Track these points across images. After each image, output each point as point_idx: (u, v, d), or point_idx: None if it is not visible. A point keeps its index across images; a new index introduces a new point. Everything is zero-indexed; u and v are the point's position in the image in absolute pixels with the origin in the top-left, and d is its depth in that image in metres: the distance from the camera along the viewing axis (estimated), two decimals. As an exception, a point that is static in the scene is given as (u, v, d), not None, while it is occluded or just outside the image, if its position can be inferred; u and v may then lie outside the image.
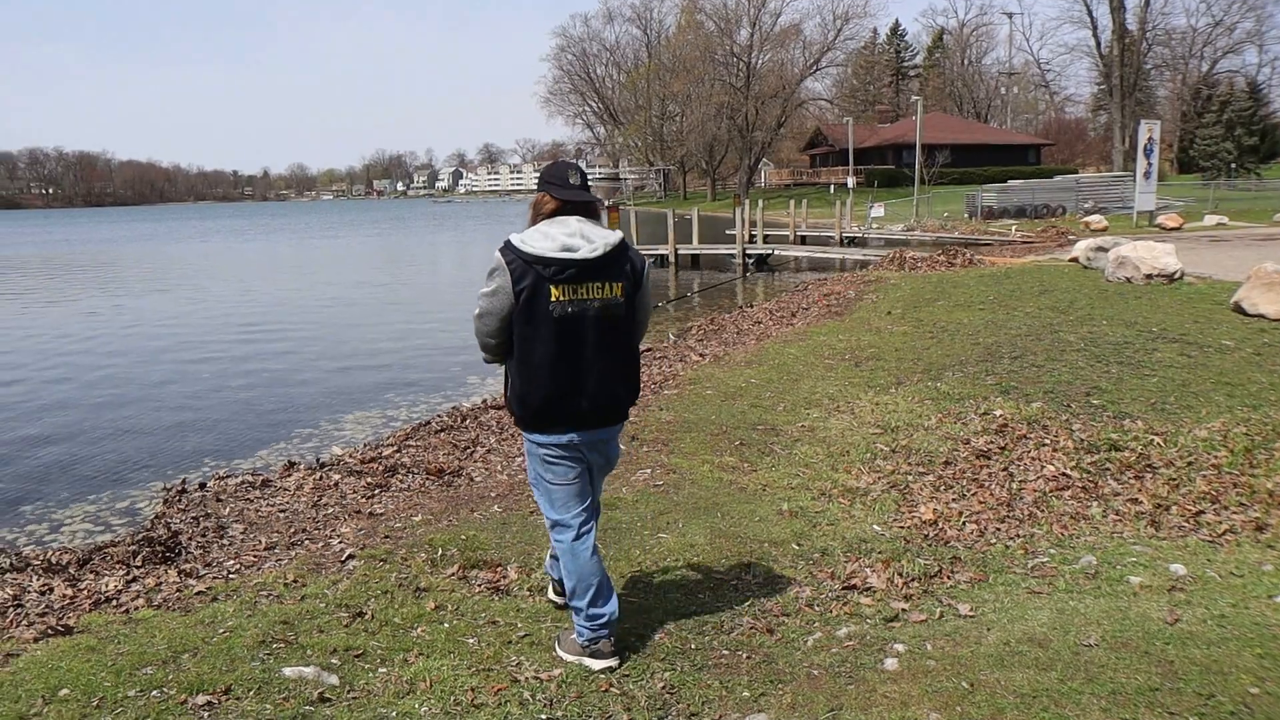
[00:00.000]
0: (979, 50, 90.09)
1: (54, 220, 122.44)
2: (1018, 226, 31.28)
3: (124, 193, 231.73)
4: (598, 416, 3.61)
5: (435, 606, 4.12)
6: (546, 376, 3.49)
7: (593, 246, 3.48)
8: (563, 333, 3.46)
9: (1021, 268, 17.61)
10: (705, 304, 20.14)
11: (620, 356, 3.62)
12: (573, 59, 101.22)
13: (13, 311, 21.86)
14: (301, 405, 10.99)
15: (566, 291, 3.44)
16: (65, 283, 30.22)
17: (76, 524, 7.15)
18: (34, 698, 3.40)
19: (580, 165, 3.74)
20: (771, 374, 9.44)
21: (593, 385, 3.54)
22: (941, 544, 4.87)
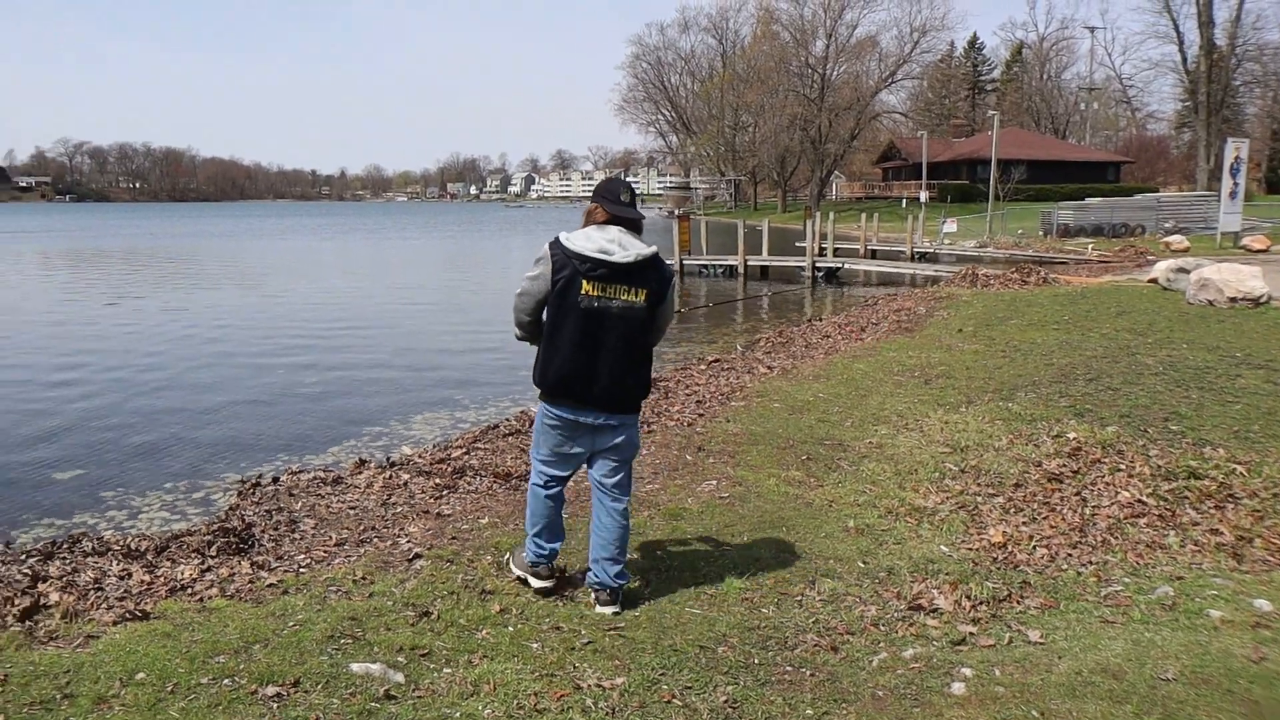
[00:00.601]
0: (1059, 65, 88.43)
1: (139, 213, 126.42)
2: (1094, 245, 30.65)
3: (206, 188, 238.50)
4: (606, 402, 4.10)
5: (500, 609, 4.16)
6: (567, 357, 4.03)
7: (625, 254, 3.98)
8: (586, 323, 3.99)
9: (1098, 288, 17.24)
10: (773, 316, 20.04)
11: (633, 354, 4.10)
12: (647, 67, 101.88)
13: (103, 303, 22.58)
14: (372, 404, 11.18)
15: (596, 288, 3.96)
16: (151, 277, 31.12)
17: (154, 511, 7.34)
18: (112, 679, 3.51)
19: (632, 184, 4.32)
20: (840, 389, 9.37)
21: (605, 374, 4.05)
22: (1011, 568, 4.79)
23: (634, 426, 4.29)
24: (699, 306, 22.08)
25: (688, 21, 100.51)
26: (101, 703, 3.35)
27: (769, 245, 30.24)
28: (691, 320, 20.07)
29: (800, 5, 77.08)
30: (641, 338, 4.11)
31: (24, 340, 16.52)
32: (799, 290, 25.46)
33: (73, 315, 20.35)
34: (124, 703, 3.35)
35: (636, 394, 4.22)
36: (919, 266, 28.01)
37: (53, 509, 7.40)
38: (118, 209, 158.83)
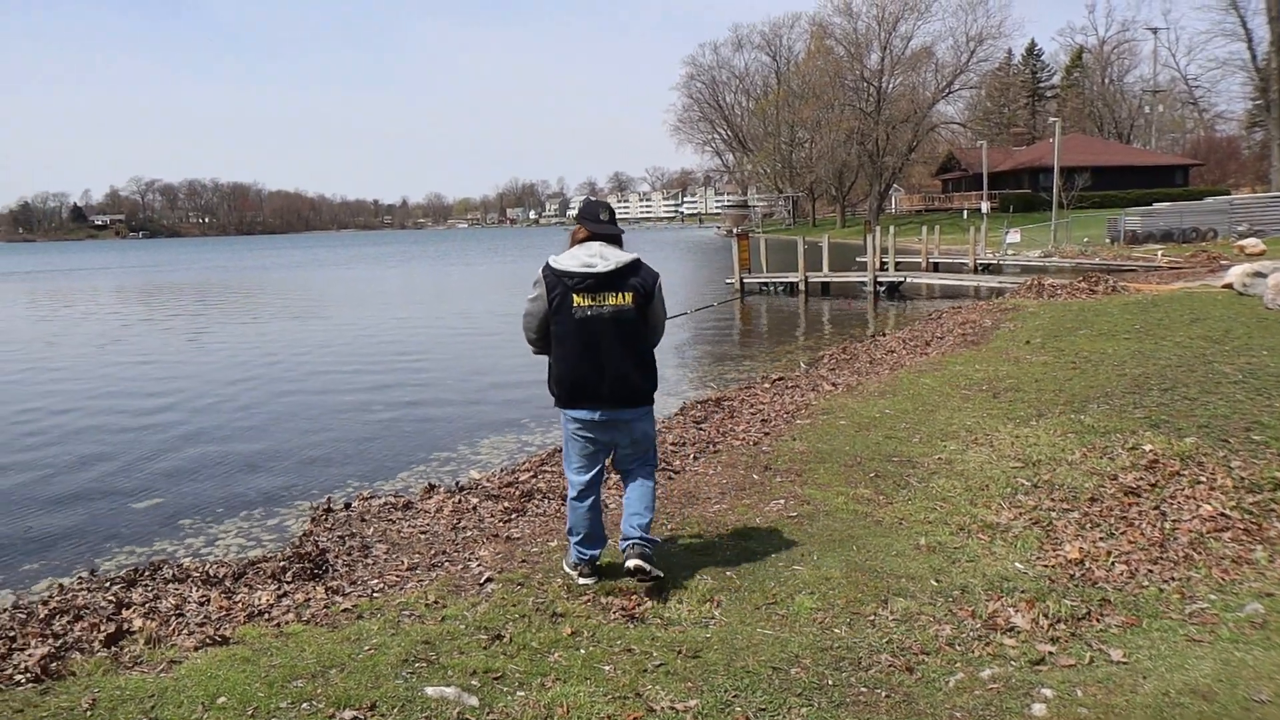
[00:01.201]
0: (1121, 68, 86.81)
1: (209, 248, 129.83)
2: (1164, 251, 29.96)
3: (272, 221, 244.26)
4: (616, 398, 4.57)
5: (571, 632, 4.17)
6: (574, 364, 4.54)
7: (607, 263, 4.47)
8: (585, 330, 4.48)
9: (1170, 295, 16.83)
10: (836, 332, 19.90)
11: (632, 351, 4.56)
12: (702, 87, 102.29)
13: (175, 336, 23.20)
14: (440, 429, 11.31)
15: (586, 298, 4.47)
16: (222, 310, 31.89)
17: (230, 538, 7.50)
18: (195, 704, 3.59)
19: (610, 204, 4.87)
20: (906, 404, 9.26)
21: (610, 373, 4.52)
22: (1089, 585, 4.68)
23: (645, 420, 4.77)
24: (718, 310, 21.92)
25: (741, 40, 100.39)
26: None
27: (829, 261, 30.06)
28: (754, 339, 20.01)
29: (853, 19, 76.94)
30: (636, 337, 4.57)
31: (103, 373, 17.02)
32: (861, 305, 25.24)
33: (147, 348, 20.93)
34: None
35: (643, 388, 4.65)
36: (983, 278, 27.64)
37: (134, 537, 7.60)
38: (188, 244, 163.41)
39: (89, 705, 3.64)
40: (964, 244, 36.02)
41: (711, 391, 12.39)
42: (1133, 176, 65.16)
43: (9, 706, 3.70)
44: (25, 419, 12.77)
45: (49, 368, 17.90)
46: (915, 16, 74.57)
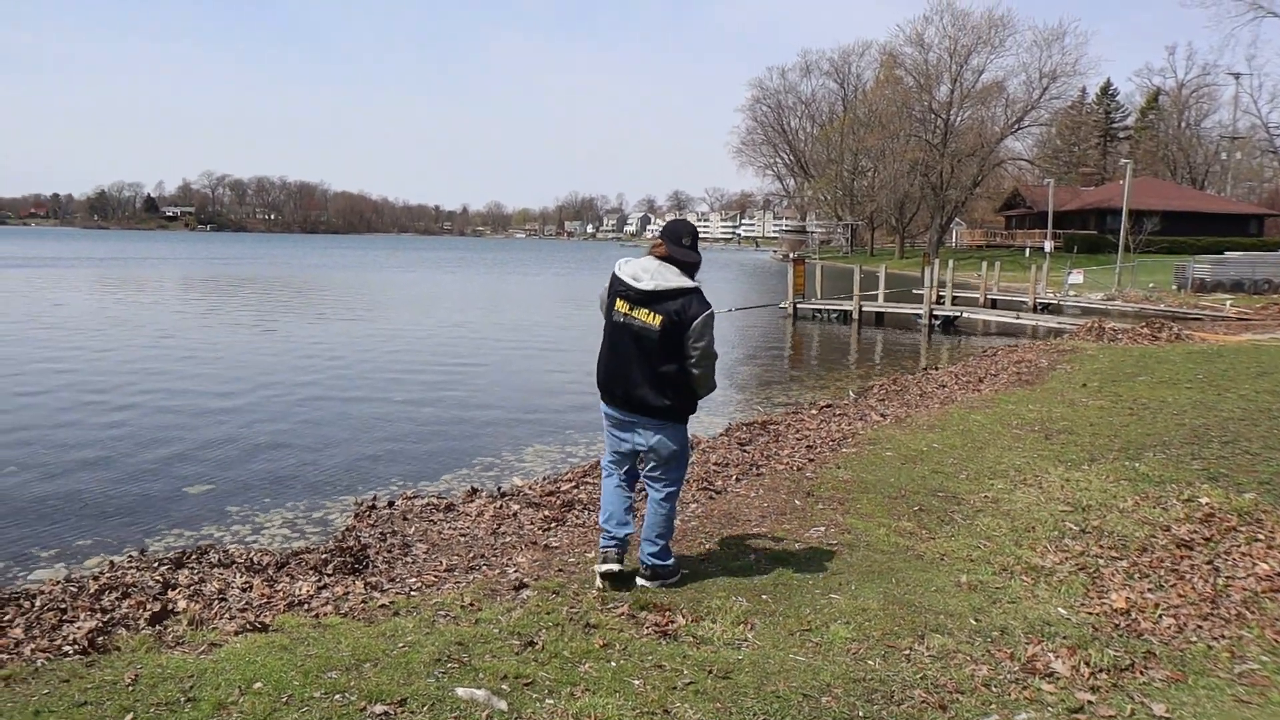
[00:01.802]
0: (1199, 112, 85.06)
1: (274, 243, 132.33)
2: (1233, 302, 29.31)
3: (335, 221, 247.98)
4: (627, 404, 4.88)
5: (604, 644, 4.18)
6: (603, 361, 4.97)
7: (646, 283, 4.72)
8: (615, 335, 4.85)
9: (1236, 346, 16.47)
10: (888, 363, 19.73)
11: (648, 368, 4.76)
12: (767, 110, 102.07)
13: (240, 329, 23.66)
14: (486, 434, 11.40)
15: (625, 306, 4.78)
16: (285, 306, 32.45)
17: (275, 528, 7.62)
18: (232, 687, 3.66)
19: (694, 228, 5.00)
20: (955, 440, 9.15)
21: (623, 380, 4.84)
22: (1134, 636, 4.58)
23: (665, 432, 4.90)
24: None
25: (809, 65, 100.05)
26: (221, 708, 3.49)
27: (885, 291, 29.83)
28: (804, 364, 19.91)
29: (925, 50, 76.26)
30: (654, 357, 4.74)
31: (161, 360, 17.41)
32: (915, 338, 25.00)
33: (210, 339, 21.38)
34: (242, 710, 3.48)
35: (656, 404, 4.82)
36: (1041, 318, 27.24)
37: (183, 520, 7.75)
38: (254, 239, 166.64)
39: (131, 680, 3.72)
40: (1024, 282, 35.53)
41: (758, 414, 12.35)
42: (1204, 223, 63.85)
43: (56, 676, 3.80)
44: (90, 400, 13.11)
45: (118, 353, 18.36)
46: (988, 50, 73.74)
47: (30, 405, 12.58)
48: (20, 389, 13.78)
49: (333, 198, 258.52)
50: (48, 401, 12.86)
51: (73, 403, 12.81)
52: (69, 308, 28.07)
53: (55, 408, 12.43)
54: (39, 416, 11.83)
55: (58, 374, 15.23)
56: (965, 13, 75.83)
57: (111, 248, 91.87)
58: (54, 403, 12.79)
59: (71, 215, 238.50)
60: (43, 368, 15.87)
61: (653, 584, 5.03)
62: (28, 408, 12.41)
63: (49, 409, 12.33)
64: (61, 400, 12.98)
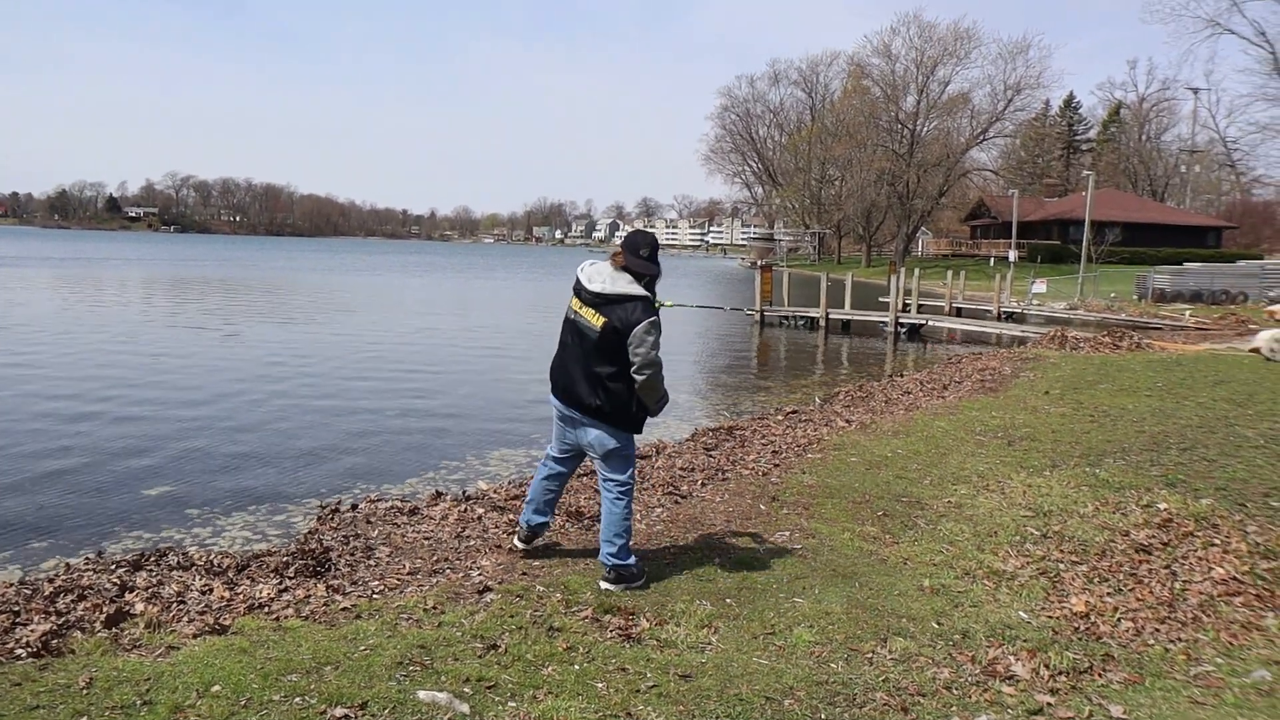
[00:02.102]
0: (1159, 126, 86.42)
1: (239, 245, 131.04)
2: (1192, 312, 29.80)
3: (302, 224, 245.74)
4: (568, 396, 5.13)
5: (567, 647, 4.17)
6: (556, 352, 5.21)
7: (595, 284, 4.95)
8: (565, 330, 5.14)
9: (1195, 355, 16.72)
10: (854, 370, 19.85)
11: (587, 366, 4.99)
12: (736, 119, 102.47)
13: (204, 331, 23.37)
14: (451, 438, 11.33)
15: (578, 305, 5.02)
16: (247, 307, 32.11)
17: (236, 531, 7.53)
18: (189, 690, 3.61)
19: (655, 239, 5.23)
20: (919, 446, 9.22)
21: (566, 374, 5.12)
22: (1093, 639, 4.63)
23: (603, 429, 5.07)
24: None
25: (778, 74, 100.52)
26: (178, 712, 3.44)
27: (852, 299, 30.04)
28: (771, 370, 19.99)
29: (892, 61, 76.92)
30: (592, 356, 4.94)
31: (123, 362, 17.17)
32: (880, 345, 25.18)
33: (173, 341, 21.10)
34: (199, 713, 3.43)
35: (589, 402, 5.01)
36: (1005, 326, 27.53)
37: (142, 522, 7.64)
38: (219, 241, 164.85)
39: (85, 683, 3.66)
40: (989, 291, 35.90)
41: (724, 419, 12.38)
42: (1164, 235, 64.84)
43: (8, 679, 3.73)
44: (48, 402, 12.89)
45: (77, 354, 18.07)
46: (954, 62, 74.48)
47: (-14, 406, 12.35)
48: (-25, 390, 13.52)
49: (299, 200, 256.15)
50: (3, 402, 12.63)
51: (30, 404, 12.59)
52: (28, 308, 27.61)
53: (12, 408, 12.21)
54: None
55: (15, 375, 14.96)
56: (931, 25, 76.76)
57: (72, 247, 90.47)
58: (10, 403, 12.56)
59: (31, 214, 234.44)
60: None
61: (616, 587, 5.04)
62: (-17, 409, 12.18)
63: (4, 409, 12.11)
64: (18, 401, 12.75)
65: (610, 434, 5.07)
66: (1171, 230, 66.20)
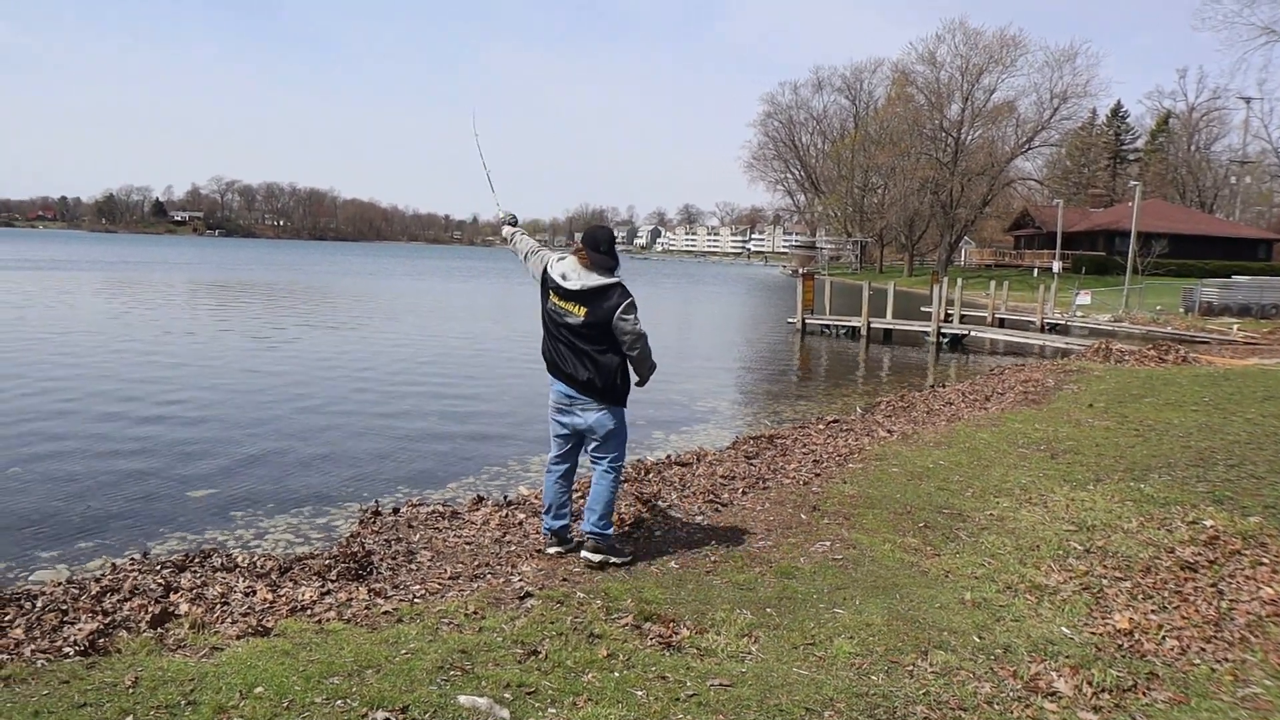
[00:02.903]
0: (1209, 136, 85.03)
1: (284, 249, 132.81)
2: (1240, 326, 29.26)
3: (345, 229, 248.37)
4: (570, 381, 5.56)
5: (607, 654, 4.17)
6: (546, 346, 5.68)
7: (573, 282, 5.49)
8: (550, 323, 5.62)
9: (1243, 370, 16.43)
10: (895, 380, 19.71)
11: (581, 353, 5.50)
12: (779, 125, 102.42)
13: (249, 335, 23.71)
14: (492, 443, 11.39)
15: (556, 300, 5.56)
16: (296, 311, 32.52)
17: (279, 534, 7.61)
18: (233, 691, 3.66)
19: (611, 232, 5.76)
20: (961, 457, 9.14)
21: (562, 361, 5.57)
22: (1137, 656, 4.56)
23: (604, 412, 5.58)
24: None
25: (821, 81, 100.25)
26: (222, 712, 3.49)
27: (894, 309, 29.83)
28: (812, 379, 19.90)
29: (937, 68, 76.54)
30: (585, 342, 5.48)
31: (175, 366, 17.45)
32: (922, 355, 24.98)
33: (218, 344, 21.42)
34: (242, 714, 3.48)
35: (594, 382, 5.49)
36: (1049, 338, 27.21)
37: (187, 524, 7.76)
38: (262, 244, 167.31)
39: (131, 683, 3.72)
40: (1032, 302, 35.52)
41: (765, 428, 12.35)
42: (1212, 247, 63.79)
43: (56, 677, 3.80)
44: (97, 403, 13.15)
45: (124, 357, 18.41)
46: (1000, 70, 73.98)
47: (36, 406, 12.61)
48: (27, 390, 13.82)
49: (342, 205, 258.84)
50: (53, 403, 12.90)
51: (77, 405, 12.84)
52: (80, 310, 28.17)
53: (60, 409, 12.46)
54: (45, 417, 11.86)
55: (65, 376, 15.27)
56: (977, 32, 76.17)
57: (119, 251, 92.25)
58: (59, 404, 12.82)
59: (79, 218, 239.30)
60: (51, 370, 15.92)
61: (596, 557, 5.56)
62: (34, 408, 12.44)
63: (55, 410, 12.36)
64: (66, 402, 13.01)
65: (609, 414, 5.60)
66: (1220, 242, 65.12)
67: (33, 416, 11.89)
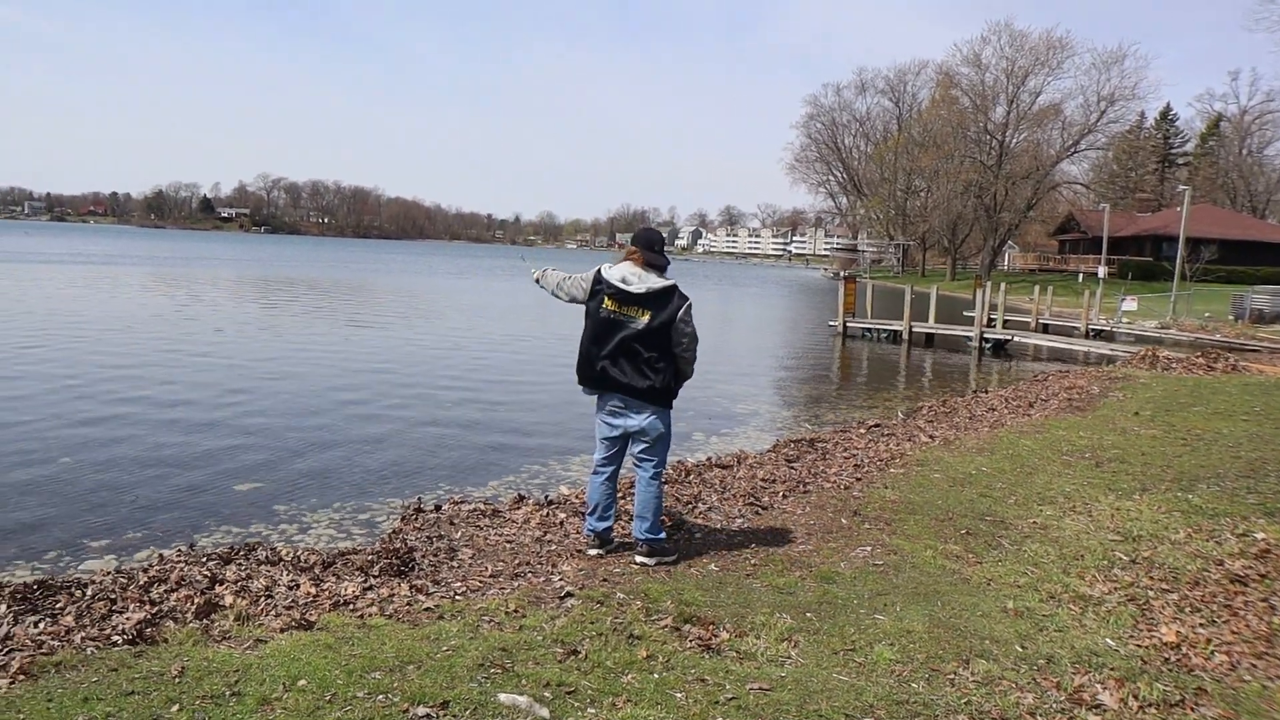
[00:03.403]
0: (1261, 139, 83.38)
1: (329, 247, 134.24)
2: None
3: (388, 227, 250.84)
4: (621, 388, 5.58)
5: (647, 655, 4.18)
6: (586, 349, 5.63)
7: (637, 285, 5.53)
8: (603, 329, 5.56)
9: (1296, 379, 16.08)
10: (937, 385, 19.53)
11: (642, 358, 5.54)
12: (821, 127, 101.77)
13: (296, 332, 24.00)
14: (534, 442, 11.43)
15: (614, 304, 5.54)
16: (343, 308, 32.87)
17: (322, 528, 7.69)
18: (276, 683, 3.71)
19: (662, 234, 5.86)
20: (1004, 464, 9.04)
21: (617, 368, 5.55)
22: (1185, 671, 4.48)
23: (655, 416, 5.66)
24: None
25: (865, 83, 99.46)
26: (265, 704, 3.53)
27: (936, 313, 29.56)
28: (852, 383, 19.78)
29: (982, 71, 75.68)
30: (644, 345, 5.52)
31: (222, 362, 17.71)
32: (965, 360, 24.73)
33: (258, 340, 21.69)
34: (285, 706, 3.52)
35: (647, 389, 5.56)
36: (1093, 344, 26.81)
37: (232, 517, 7.87)
38: (307, 242, 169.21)
39: (178, 672, 3.78)
40: (1077, 307, 35.04)
41: (806, 431, 12.29)
42: (1264, 253, 62.56)
43: (105, 664, 3.87)
44: (146, 395, 13.37)
45: (178, 353, 18.70)
46: (1046, 72, 72.97)
47: (86, 397, 12.85)
48: (83, 382, 14.08)
49: (386, 203, 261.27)
50: (107, 396, 13.13)
51: (130, 398, 13.06)
52: (133, 305, 28.66)
53: (113, 403, 12.68)
54: (98, 410, 12.08)
55: (119, 370, 15.55)
56: (1023, 34, 74.91)
57: (170, 247, 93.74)
58: (109, 395, 13.05)
59: (129, 214, 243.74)
60: (105, 364, 16.21)
61: (650, 560, 5.65)
62: (89, 401, 12.67)
63: (107, 403, 12.59)
64: (119, 396, 13.24)
65: (660, 418, 5.69)
66: (1272, 248, 63.85)
67: (86, 409, 12.11)
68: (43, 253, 64.81)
